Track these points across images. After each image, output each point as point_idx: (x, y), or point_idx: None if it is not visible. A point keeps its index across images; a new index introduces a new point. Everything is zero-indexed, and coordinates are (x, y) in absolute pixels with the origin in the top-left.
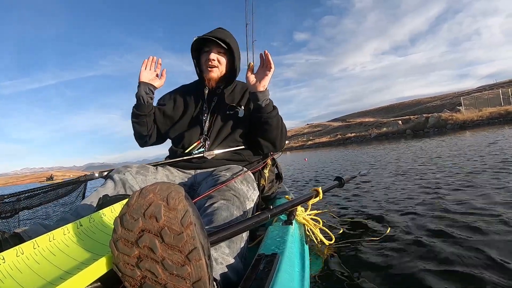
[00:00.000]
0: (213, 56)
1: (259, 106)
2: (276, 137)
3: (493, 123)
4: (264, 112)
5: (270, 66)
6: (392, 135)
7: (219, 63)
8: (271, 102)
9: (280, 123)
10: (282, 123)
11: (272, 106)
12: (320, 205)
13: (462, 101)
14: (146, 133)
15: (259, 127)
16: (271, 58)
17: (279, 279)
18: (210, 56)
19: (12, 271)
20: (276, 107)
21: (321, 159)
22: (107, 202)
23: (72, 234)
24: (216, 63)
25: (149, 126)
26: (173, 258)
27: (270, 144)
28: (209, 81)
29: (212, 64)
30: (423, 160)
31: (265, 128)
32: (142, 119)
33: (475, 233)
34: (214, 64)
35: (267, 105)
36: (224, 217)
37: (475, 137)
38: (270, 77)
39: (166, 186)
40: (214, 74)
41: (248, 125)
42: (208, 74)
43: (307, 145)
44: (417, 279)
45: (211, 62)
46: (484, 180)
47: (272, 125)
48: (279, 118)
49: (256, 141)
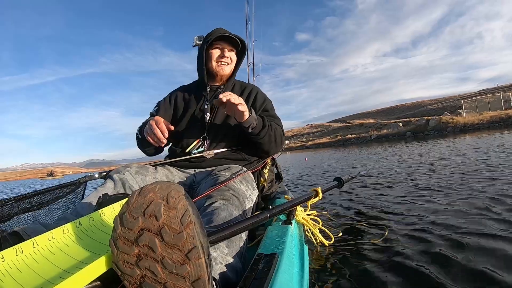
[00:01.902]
0: (228, 53)
1: (247, 131)
2: (270, 149)
3: (494, 127)
4: (253, 135)
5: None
6: (392, 137)
7: (231, 61)
8: (259, 123)
9: (272, 137)
10: (275, 134)
11: (262, 124)
12: (320, 206)
13: (463, 104)
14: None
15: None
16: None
17: (278, 278)
18: (225, 53)
19: (12, 270)
20: (265, 124)
21: (321, 159)
22: (106, 201)
23: (72, 233)
24: (229, 60)
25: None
26: (172, 257)
27: (265, 154)
28: (222, 77)
29: (226, 61)
30: (423, 162)
31: (257, 145)
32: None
33: (475, 235)
34: (228, 61)
35: (254, 129)
36: (223, 217)
37: (475, 140)
38: (240, 108)
39: (166, 185)
40: (226, 71)
41: None
42: (220, 70)
43: (307, 146)
44: (417, 279)
45: (226, 59)
46: (486, 183)
47: (263, 143)
48: (271, 133)
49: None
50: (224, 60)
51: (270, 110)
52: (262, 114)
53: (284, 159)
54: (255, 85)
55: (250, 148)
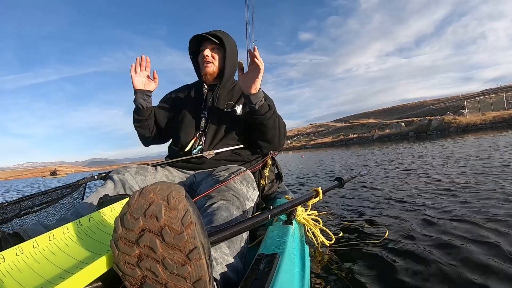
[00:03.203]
0: (207, 52)
1: (253, 109)
2: (274, 137)
3: (497, 127)
4: (259, 114)
5: (257, 64)
6: (394, 136)
7: (213, 59)
8: (266, 103)
9: (277, 123)
10: (279, 122)
11: (268, 106)
12: (320, 206)
13: (466, 104)
14: (149, 134)
15: (255, 128)
16: (258, 54)
17: (279, 279)
18: (204, 52)
19: (12, 270)
20: (272, 107)
21: (322, 159)
22: (107, 201)
23: (72, 234)
24: (210, 59)
25: (151, 127)
26: (173, 258)
27: (267, 144)
28: (205, 76)
29: (207, 60)
30: (424, 162)
31: (261, 129)
32: (143, 123)
33: (475, 235)
34: (208, 60)
35: (261, 107)
36: (224, 217)
37: (478, 141)
38: (261, 77)
39: (167, 186)
40: (209, 69)
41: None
42: (204, 70)
43: (309, 145)
44: (417, 279)
45: (206, 58)
46: (490, 184)
47: (268, 126)
48: (276, 118)
49: (254, 140)
50: (205, 60)
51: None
52: None
53: (286, 158)
54: None
55: (249, 148)
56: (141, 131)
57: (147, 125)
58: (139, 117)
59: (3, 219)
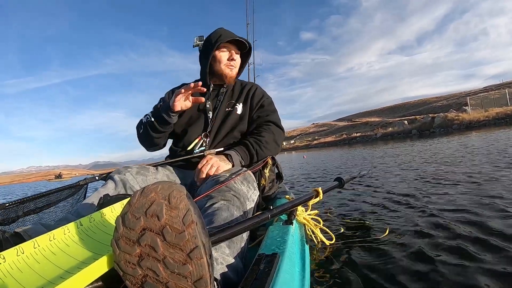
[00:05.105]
0: (237, 57)
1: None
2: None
3: (500, 124)
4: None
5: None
6: (397, 135)
7: (237, 64)
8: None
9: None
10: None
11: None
12: (321, 206)
13: (468, 101)
14: (164, 143)
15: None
16: (204, 173)
17: (279, 279)
18: (233, 56)
19: (12, 271)
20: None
21: (324, 159)
22: (107, 201)
23: (73, 234)
24: (236, 64)
25: (167, 136)
26: (174, 257)
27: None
28: (230, 79)
29: (234, 65)
30: (425, 161)
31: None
32: (164, 134)
33: (477, 233)
34: (236, 65)
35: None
36: (224, 217)
37: (482, 138)
38: (222, 167)
39: (168, 185)
40: (234, 72)
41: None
42: (229, 72)
43: (312, 145)
44: (417, 279)
45: (234, 62)
46: (491, 181)
47: (260, 159)
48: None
49: None
50: (233, 63)
51: (267, 105)
52: (258, 110)
53: (288, 158)
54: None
55: None
56: (158, 141)
57: (166, 136)
58: (164, 130)
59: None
